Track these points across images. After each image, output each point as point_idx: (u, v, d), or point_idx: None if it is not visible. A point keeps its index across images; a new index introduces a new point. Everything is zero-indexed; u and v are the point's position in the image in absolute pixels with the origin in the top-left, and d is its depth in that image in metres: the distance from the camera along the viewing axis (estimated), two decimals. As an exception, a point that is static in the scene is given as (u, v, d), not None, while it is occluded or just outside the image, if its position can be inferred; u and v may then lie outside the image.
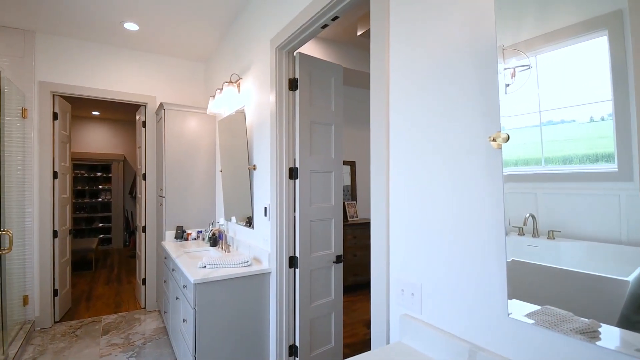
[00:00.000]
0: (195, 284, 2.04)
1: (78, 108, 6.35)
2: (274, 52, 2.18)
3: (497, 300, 0.97)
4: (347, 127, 5.12)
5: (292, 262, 2.22)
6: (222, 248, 2.87)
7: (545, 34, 0.84)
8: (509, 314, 0.90)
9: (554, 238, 0.83)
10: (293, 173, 2.21)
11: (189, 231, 3.36)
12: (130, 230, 7.55)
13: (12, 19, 3.17)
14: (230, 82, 2.73)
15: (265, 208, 2.35)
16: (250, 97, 2.64)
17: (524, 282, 0.88)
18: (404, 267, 1.26)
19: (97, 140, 7.47)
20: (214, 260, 2.30)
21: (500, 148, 0.91)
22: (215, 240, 3.02)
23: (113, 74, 3.72)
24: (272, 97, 2.21)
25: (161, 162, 3.55)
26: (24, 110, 3.33)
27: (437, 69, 1.14)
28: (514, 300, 0.90)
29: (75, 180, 7.25)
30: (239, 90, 2.79)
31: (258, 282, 2.25)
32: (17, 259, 3.31)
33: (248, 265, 2.29)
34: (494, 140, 0.90)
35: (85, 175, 7.33)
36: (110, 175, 7.50)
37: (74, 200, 7.17)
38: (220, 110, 3.09)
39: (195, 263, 2.39)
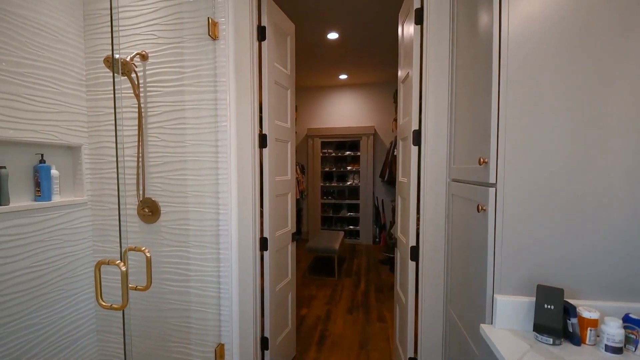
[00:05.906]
0: None
1: (322, 73, 5.08)
2: None
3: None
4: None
5: None
6: None
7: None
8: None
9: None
10: None
11: (586, 313, 0.89)
12: (382, 224, 5.94)
13: None
14: None
15: None
16: None
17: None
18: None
19: (344, 112, 6.20)
20: None
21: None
22: None
23: None
24: None
25: (475, 86, 1.25)
26: (212, 25, 1.77)
27: None
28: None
29: (323, 160, 6.27)
30: None
31: None
32: (211, 284, 1.85)
33: None
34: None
35: (333, 154, 6.22)
36: (358, 153, 6.10)
37: (321, 184, 6.20)
38: None
39: None
